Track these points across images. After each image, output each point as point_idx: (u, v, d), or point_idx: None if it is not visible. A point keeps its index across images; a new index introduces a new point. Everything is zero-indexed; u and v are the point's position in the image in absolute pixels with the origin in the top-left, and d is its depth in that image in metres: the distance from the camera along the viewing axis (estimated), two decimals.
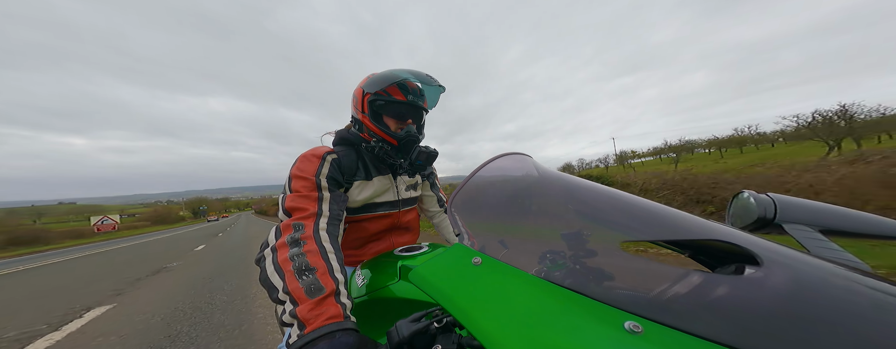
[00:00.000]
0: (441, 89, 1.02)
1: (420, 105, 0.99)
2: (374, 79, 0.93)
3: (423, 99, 1.01)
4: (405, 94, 0.96)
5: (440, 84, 0.98)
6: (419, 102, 0.99)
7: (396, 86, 0.94)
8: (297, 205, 0.76)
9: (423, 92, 1.02)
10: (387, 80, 0.91)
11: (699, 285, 0.34)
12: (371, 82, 0.93)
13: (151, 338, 2.69)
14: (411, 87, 0.98)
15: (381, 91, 0.92)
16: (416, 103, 0.98)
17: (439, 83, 0.98)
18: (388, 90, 0.93)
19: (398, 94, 0.95)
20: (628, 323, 0.31)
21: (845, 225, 0.46)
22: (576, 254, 0.45)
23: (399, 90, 0.95)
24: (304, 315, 0.53)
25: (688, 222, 0.43)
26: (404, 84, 0.95)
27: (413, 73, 0.93)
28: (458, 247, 0.47)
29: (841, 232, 0.46)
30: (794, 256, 0.35)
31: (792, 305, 0.29)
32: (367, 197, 0.95)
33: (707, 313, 0.31)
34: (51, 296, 4.93)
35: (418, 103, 0.98)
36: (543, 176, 0.57)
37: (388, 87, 0.93)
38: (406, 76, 0.91)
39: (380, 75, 0.93)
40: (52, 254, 15.48)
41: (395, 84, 0.93)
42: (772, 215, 0.49)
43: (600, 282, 0.41)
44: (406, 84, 0.96)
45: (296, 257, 0.62)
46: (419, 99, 0.99)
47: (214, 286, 4.45)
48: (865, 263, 0.38)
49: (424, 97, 1.02)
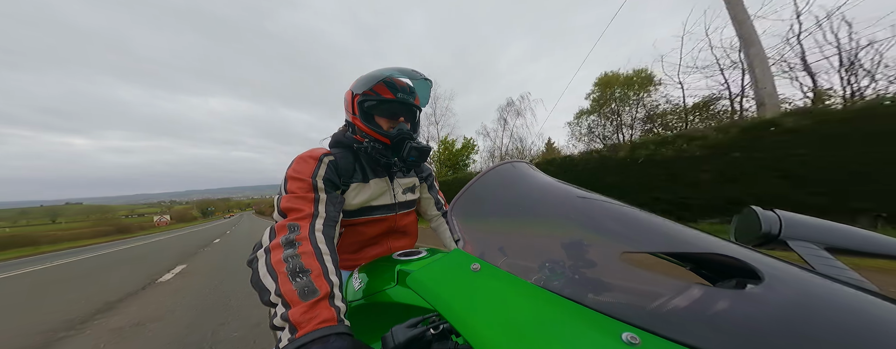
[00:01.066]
0: (428, 83, 1.01)
1: (411, 102, 0.99)
2: (361, 79, 0.93)
3: (413, 96, 1.00)
4: (394, 93, 0.95)
5: (426, 77, 0.98)
6: (410, 100, 0.98)
7: (383, 84, 0.94)
8: (292, 206, 0.75)
9: (414, 89, 1.01)
10: (373, 79, 0.91)
11: (699, 299, 0.33)
12: (359, 83, 0.93)
13: (214, 273, 5.31)
14: (399, 85, 0.97)
15: (369, 91, 0.93)
16: (407, 100, 0.97)
17: (425, 76, 0.97)
18: (375, 89, 0.93)
19: (386, 92, 0.95)
20: (626, 334, 0.30)
21: (851, 243, 0.45)
22: (575, 263, 0.45)
23: (387, 88, 0.95)
24: (297, 318, 0.51)
25: (689, 235, 0.43)
26: (391, 82, 0.95)
27: (399, 70, 0.93)
28: (457, 252, 0.46)
29: (846, 250, 0.45)
30: (797, 273, 0.35)
31: (793, 322, 0.29)
32: (363, 200, 0.95)
33: (706, 327, 0.31)
34: (164, 256, 8.83)
35: (409, 100, 0.98)
36: (545, 184, 0.57)
37: (375, 87, 0.93)
38: (391, 73, 0.91)
39: (367, 75, 0.93)
40: (143, 238, 22.89)
41: (381, 82, 0.93)
42: (776, 231, 0.48)
43: (599, 293, 0.41)
44: (393, 81, 0.96)
45: (290, 258, 0.61)
46: (409, 96, 0.98)
47: (243, 252, 7.86)
48: (871, 282, 0.37)
49: (415, 94, 1.01)
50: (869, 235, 0.46)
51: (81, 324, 3.10)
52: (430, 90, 1.05)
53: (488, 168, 0.59)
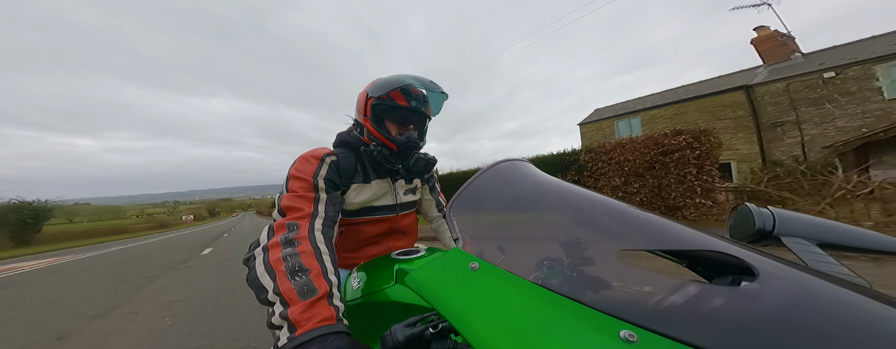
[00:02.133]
0: (444, 96, 1.03)
1: (422, 111, 1.00)
2: (379, 83, 0.94)
3: (426, 105, 1.01)
4: (408, 100, 0.96)
5: (443, 91, 0.99)
6: (422, 108, 0.99)
7: (400, 90, 0.95)
8: (292, 205, 0.76)
9: (427, 98, 1.02)
10: (391, 84, 0.92)
11: (695, 296, 0.34)
12: (375, 86, 0.94)
13: (234, 252, 8.77)
14: (415, 93, 0.98)
15: (385, 95, 0.93)
16: (419, 109, 0.98)
17: (442, 90, 0.99)
18: (391, 94, 0.94)
19: (401, 99, 0.95)
20: (624, 332, 0.31)
21: (842, 239, 0.46)
22: (573, 261, 0.45)
23: (402, 95, 0.96)
24: (296, 317, 0.52)
25: (686, 233, 0.43)
26: (408, 89, 0.96)
27: (417, 79, 0.94)
28: (455, 251, 0.47)
29: (838, 246, 0.46)
30: (790, 269, 0.35)
31: (787, 317, 0.29)
32: (364, 200, 0.95)
33: (702, 323, 0.31)
34: (197, 243, 12.77)
35: (421, 109, 0.99)
36: (543, 183, 0.58)
37: (391, 92, 0.93)
38: (410, 82, 0.92)
39: (385, 80, 0.93)
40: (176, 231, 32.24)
41: (398, 89, 0.94)
42: (770, 228, 0.49)
43: (597, 291, 0.41)
44: (410, 89, 0.97)
45: (289, 257, 0.61)
46: (422, 105, 1.00)
47: (243, 242, 11.61)
48: (862, 278, 0.38)
49: (427, 103, 1.02)
50: (859, 232, 0.47)
51: (184, 262, 7.68)
52: (443, 102, 1.06)
53: (486, 167, 0.59)
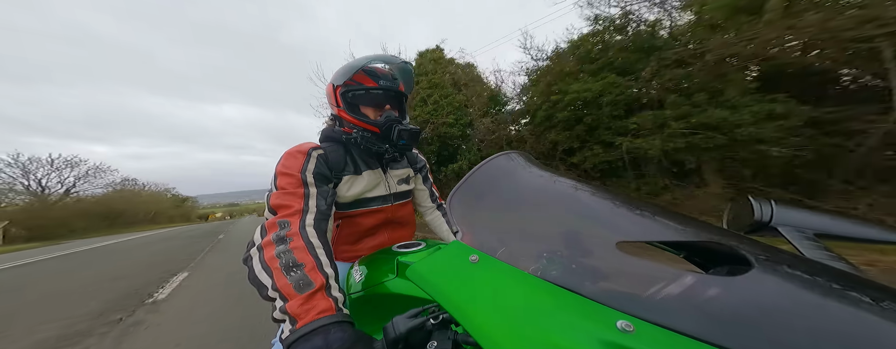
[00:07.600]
0: (408, 66, 1.00)
1: (395, 89, 0.97)
2: (341, 70, 0.92)
3: (396, 83, 0.98)
4: (376, 80, 0.94)
5: (405, 61, 0.97)
6: (394, 86, 0.96)
7: (363, 72, 0.93)
8: (282, 203, 0.74)
9: (396, 76, 0.99)
10: (352, 68, 0.90)
11: (692, 286, 0.34)
12: (338, 74, 0.92)
13: (234, 236, 12.82)
14: (380, 73, 0.96)
15: (350, 81, 0.92)
16: (391, 88, 0.96)
17: (403, 60, 0.96)
18: (355, 78, 0.92)
19: (368, 80, 0.93)
20: (621, 322, 0.31)
21: (838, 230, 0.46)
22: (572, 253, 0.46)
23: (367, 77, 0.93)
24: (295, 310, 0.53)
25: (683, 224, 0.43)
26: (371, 69, 0.94)
27: (377, 57, 0.92)
28: (455, 244, 0.47)
29: (834, 236, 0.46)
30: (786, 259, 0.36)
31: (783, 306, 0.30)
32: (357, 192, 0.94)
33: (699, 313, 0.32)
34: (218, 231, 17.78)
35: (393, 87, 0.96)
36: (542, 175, 0.58)
37: (355, 76, 0.92)
38: (369, 60, 0.91)
39: (345, 66, 0.92)
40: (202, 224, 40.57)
41: (361, 71, 0.92)
42: (768, 219, 0.49)
43: (595, 282, 0.42)
44: (374, 70, 0.95)
45: (282, 254, 0.62)
46: (392, 83, 0.97)
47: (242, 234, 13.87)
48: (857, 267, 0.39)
49: (398, 80, 0.99)
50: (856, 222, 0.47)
51: (218, 235, 13.75)
52: (412, 75, 1.03)
53: (485, 160, 0.59)
